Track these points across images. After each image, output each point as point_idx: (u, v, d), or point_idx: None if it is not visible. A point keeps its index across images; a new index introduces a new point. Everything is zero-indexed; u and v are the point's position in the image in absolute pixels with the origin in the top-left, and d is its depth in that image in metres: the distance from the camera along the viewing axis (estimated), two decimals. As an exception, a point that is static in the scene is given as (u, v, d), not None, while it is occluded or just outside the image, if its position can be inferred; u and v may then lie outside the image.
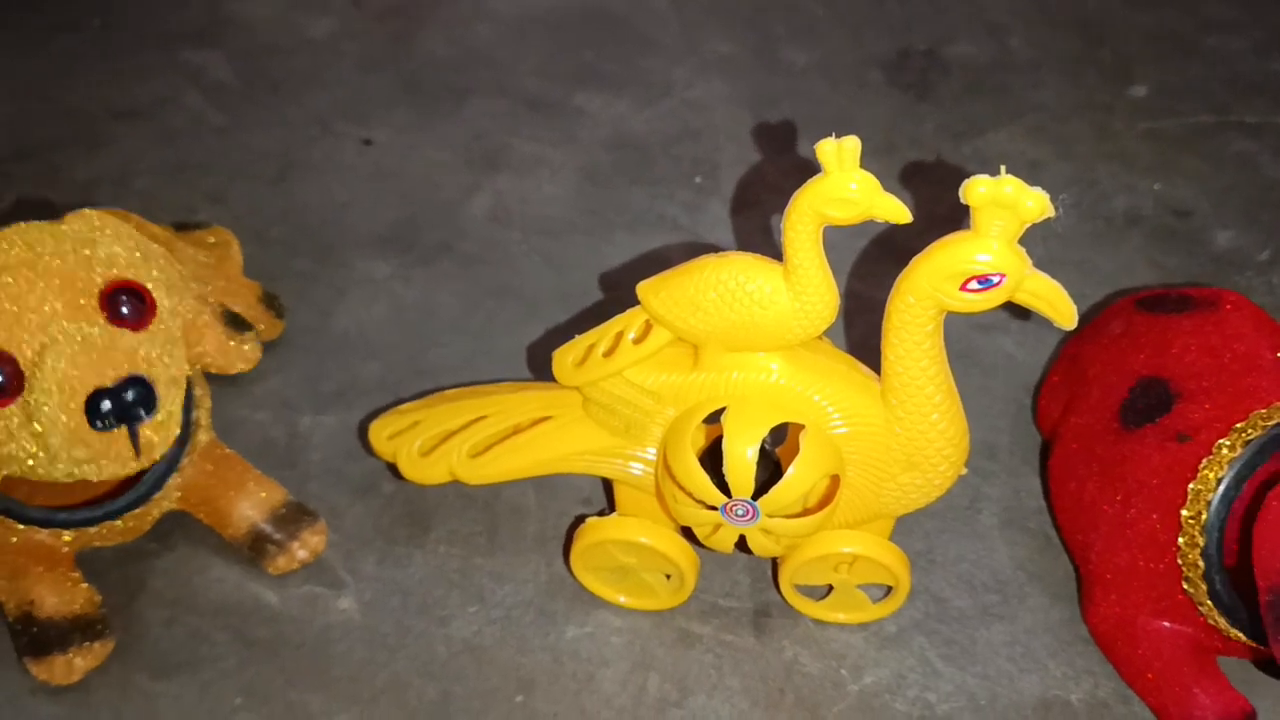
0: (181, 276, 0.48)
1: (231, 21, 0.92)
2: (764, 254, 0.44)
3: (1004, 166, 0.38)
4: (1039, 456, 0.58)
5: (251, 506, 0.53)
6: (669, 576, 0.51)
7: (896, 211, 0.40)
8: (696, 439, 0.47)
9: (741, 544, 0.47)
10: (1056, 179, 0.76)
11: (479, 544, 0.55)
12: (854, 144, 0.39)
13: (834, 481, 0.46)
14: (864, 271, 0.69)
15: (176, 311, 0.47)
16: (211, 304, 0.51)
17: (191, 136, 0.80)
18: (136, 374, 0.43)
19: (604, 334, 0.47)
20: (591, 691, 0.49)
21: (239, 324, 0.52)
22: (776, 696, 0.49)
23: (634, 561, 0.50)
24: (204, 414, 0.52)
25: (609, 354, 0.46)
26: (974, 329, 0.65)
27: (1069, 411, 0.54)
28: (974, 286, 0.40)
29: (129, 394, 0.43)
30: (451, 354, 0.64)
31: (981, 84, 0.85)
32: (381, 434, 0.52)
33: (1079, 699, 0.49)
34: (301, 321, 0.66)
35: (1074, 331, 0.49)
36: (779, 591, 0.52)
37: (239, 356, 0.51)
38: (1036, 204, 0.38)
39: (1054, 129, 0.81)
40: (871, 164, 0.39)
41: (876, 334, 0.43)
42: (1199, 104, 0.83)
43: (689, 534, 0.49)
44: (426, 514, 0.56)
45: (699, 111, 0.82)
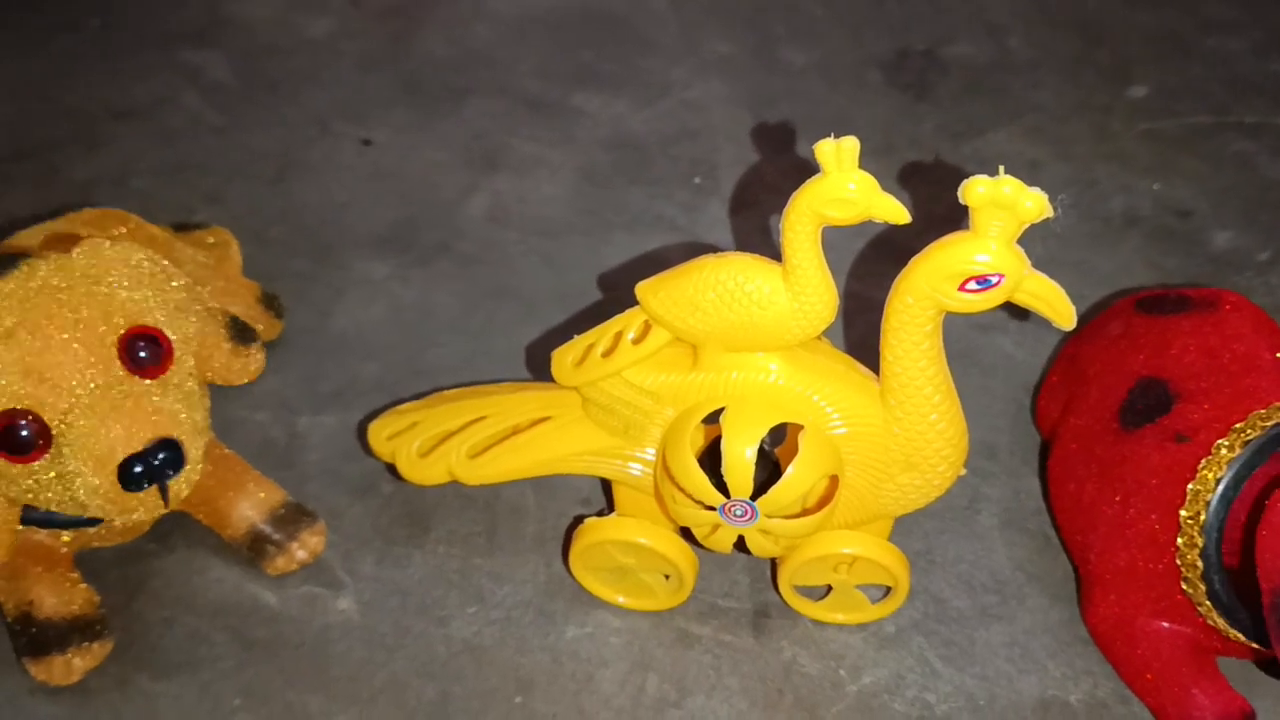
0: (189, 290, 0.48)
1: (230, 21, 0.92)
2: (763, 254, 0.44)
3: (1003, 167, 0.37)
4: (1038, 457, 0.58)
5: (250, 507, 0.53)
6: (668, 577, 0.51)
7: (895, 212, 0.40)
8: (695, 439, 0.47)
9: (740, 544, 0.47)
10: (1055, 179, 0.76)
11: (478, 544, 0.55)
12: (853, 144, 0.39)
13: (833, 482, 0.46)
14: (863, 272, 0.69)
15: (189, 339, 0.47)
16: (218, 314, 0.50)
17: (190, 136, 0.80)
18: (166, 437, 0.43)
19: (603, 334, 0.47)
20: (590, 692, 0.49)
21: (245, 335, 0.51)
22: (775, 697, 0.49)
23: (633, 562, 0.50)
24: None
25: (608, 354, 0.46)
26: (973, 329, 0.64)
27: (1068, 412, 0.54)
28: (973, 287, 0.40)
29: (160, 456, 0.43)
30: (450, 354, 0.64)
31: (980, 84, 0.85)
32: (380, 434, 0.52)
33: (1078, 699, 0.49)
34: (300, 322, 0.66)
35: (1073, 332, 0.49)
36: (778, 592, 0.52)
37: (244, 371, 0.51)
38: (1035, 204, 0.38)
39: (1053, 129, 0.81)
40: (870, 164, 0.39)
41: (875, 334, 0.43)
42: (1198, 104, 0.83)
43: (688, 534, 0.49)
44: (425, 514, 0.56)
45: (698, 112, 0.82)
